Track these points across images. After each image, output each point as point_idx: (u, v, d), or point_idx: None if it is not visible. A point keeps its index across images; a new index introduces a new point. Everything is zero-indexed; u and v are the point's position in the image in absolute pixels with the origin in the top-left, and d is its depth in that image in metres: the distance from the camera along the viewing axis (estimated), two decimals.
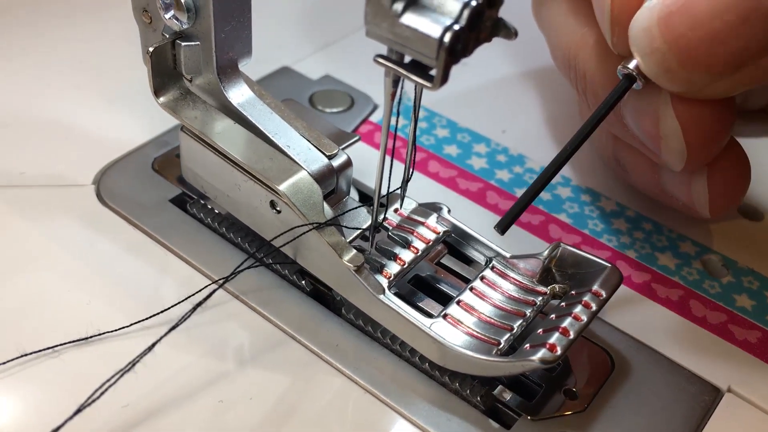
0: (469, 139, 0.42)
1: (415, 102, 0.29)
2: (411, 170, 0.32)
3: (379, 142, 0.41)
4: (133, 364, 0.27)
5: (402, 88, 0.27)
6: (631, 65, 0.30)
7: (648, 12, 0.29)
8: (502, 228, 0.30)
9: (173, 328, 0.28)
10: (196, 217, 0.35)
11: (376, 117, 0.43)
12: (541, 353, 0.27)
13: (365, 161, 0.38)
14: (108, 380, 0.27)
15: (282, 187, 0.31)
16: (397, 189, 0.33)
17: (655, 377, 0.32)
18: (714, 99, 0.30)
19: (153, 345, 0.27)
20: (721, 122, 0.31)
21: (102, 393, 0.27)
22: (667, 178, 0.34)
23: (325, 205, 0.32)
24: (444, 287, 0.34)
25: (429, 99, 0.44)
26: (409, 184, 0.35)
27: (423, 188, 0.39)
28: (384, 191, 0.32)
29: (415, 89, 0.29)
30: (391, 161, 0.30)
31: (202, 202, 0.36)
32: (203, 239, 0.34)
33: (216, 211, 0.35)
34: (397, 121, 0.28)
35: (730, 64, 0.28)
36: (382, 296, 0.30)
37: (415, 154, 0.31)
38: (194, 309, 0.28)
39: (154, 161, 0.38)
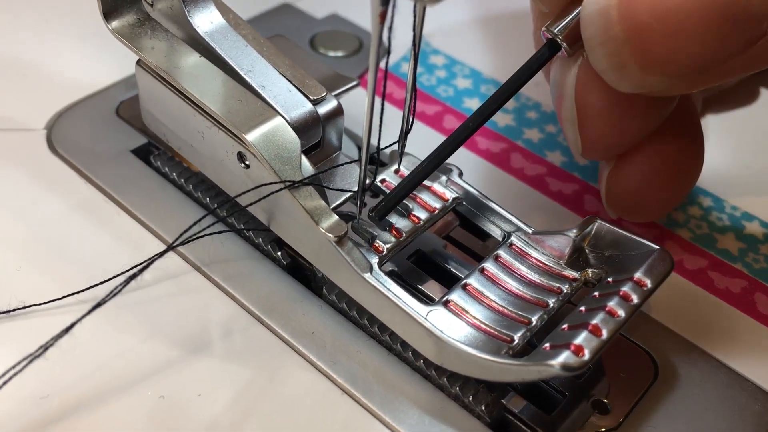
0: None
1: (415, 29, 0.23)
2: (411, 119, 0.26)
3: (389, 92, 0.35)
4: (44, 348, 0.22)
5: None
6: (558, 29, 0.24)
7: None
8: (380, 214, 0.25)
9: (98, 305, 0.22)
10: (160, 171, 0.30)
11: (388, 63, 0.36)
12: (564, 357, 0.21)
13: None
14: (13, 366, 0.21)
15: (250, 137, 0.25)
16: (395, 143, 0.27)
17: (708, 389, 0.25)
18: (639, 95, 0.24)
19: (71, 326, 0.22)
20: (636, 123, 0.25)
21: (5, 382, 0.21)
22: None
23: (305, 160, 0.26)
24: (452, 267, 0.28)
25: (450, 44, 0.38)
26: (414, 139, 0.29)
27: (434, 146, 0.32)
28: (376, 145, 0.26)
29: (414, 10, 0.22)
30: (382, 104, 0.24)
31: (169, 154, 0.30)
32: (165, 198, 0.29)
33: (184, 165, 0.29)
34: (388, 54, 0.22)
35: (695, 68, 0.22)
36: (367, 275, 0.24)
37: (415, 99, 0.25)
38: (127, 282, 0.23)
39: (120, 105, 0.32)
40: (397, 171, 0.28)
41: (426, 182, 0.28)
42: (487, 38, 0.39)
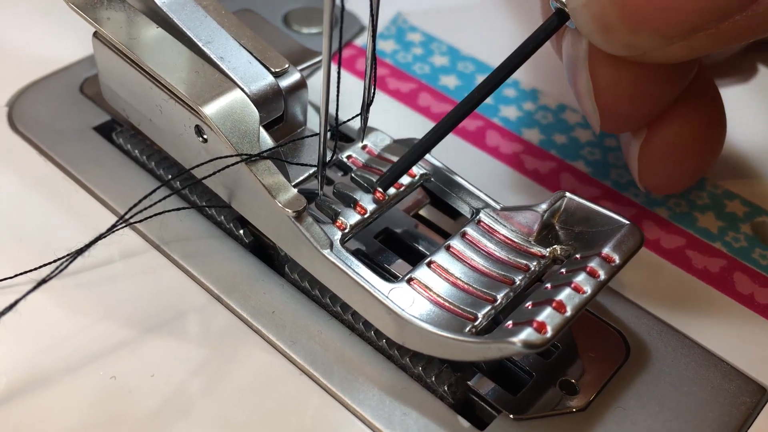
0: (473, 68, 0.35)
1: None
2: (372, 90, 0.25)
3: (362, 69, 0.34)
4: None
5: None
6: None
7: None
8: (384, 185, 0.25)
9: (42, 282, 0.21)
10: (122, 148, 0.29)
11: (362, 41, 0.36)
12: (525, 334, 0.21)
13: (342, 90, 0.31)
14: None
15: (207, 109, 0.24)
16: (357, 116, 0.26)
17: (681, 369, 0.24)
18: (651, 63, 0.23)
19: (14, 304, 0.21)
20: (651, 92, 0.24)
21: None
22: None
23: (265, 134, 0.25)
24: (422, 246, 0.27)
25: (427, 21, 0.37)
26: (389, 116, 0.28)
27: (408, 124, 0.32)
28: (341, 119, 0.25)
29: None
30: (338, 74, 0.23)
31: (132, 131, 0.29)
32: (126, 175, 0.28)
33: (147, 142, 0.29)
34: (342, 13, 0.21)
35: (687, 27, 0.21)
36: (327, 251, 0.23)
37: (375, 69, 0.24)
38: (72, 259, 0.22)
39: (84, 82, 0.31)
40: (364, 147, 0.27)
41: (393, 158, 0.27)
42: (466, 15, 0.38)
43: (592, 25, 0.22)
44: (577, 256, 0.24)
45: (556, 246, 0.24)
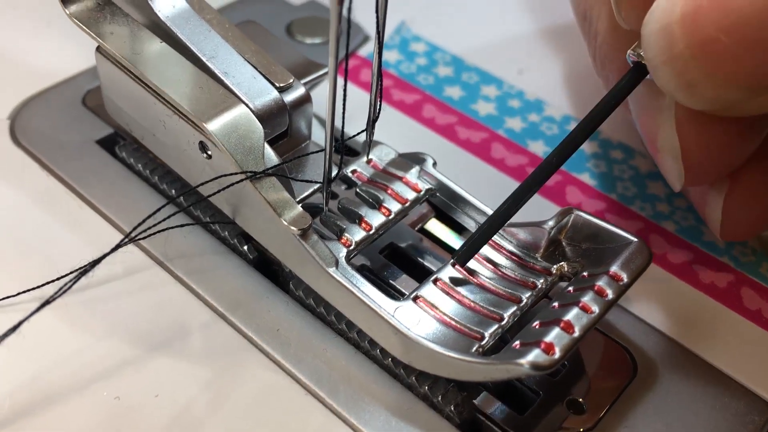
0: (477, 79, 0.34)
1: (378, 10, 0.22)
2: (378, 106, 0.24)
3: (366, 80, 0.34)
4: None
5: None
6: None
7: (667, 5, 0.21)
8: (462, 260, 0.24)
9: (46, 303, 0.21)
10: (125, 162, 0.29)
11: (366, 51, 0.35)
12: (533, 355, 0.20)
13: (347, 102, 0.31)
14: None
15: (211, 126, 0.24)
16: (363, 132, 0.26)
17: (688, 387, 0.24)
18: (737, 117, 0.22)
19: (18, 325, 0.21)
20: (737, 146, 0.23)
21: None
22: None
23: (270, 150, 0.25)
24: (427, 261, 0.27)
25: (431, 31, 0.36)
26: (393, 128, 0.28)
27: (412, 137, 0.32)
28: (347, 134, 0.25)
29: None
30: (344, 89, 0.23)
31: (135, 145, 0.29)
32: (130, 190, 0.28)
33: (150, 156, 0.28)
34: (348, 29, 0.21)
35: None
36: (333, 269, 0.23)
37: (381, 84, 0.24)
38: (77, 279, 0.22)
39: (86, 95, 0.31)
40: (369, 161, 0.27)
41: (399, 172, 0.27)
42: (470, 24, 0.37)
43: (675, 82, 0.21)
44: (585, 273, 0.23)
45: (563, 263, 0.24)
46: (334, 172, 0.24)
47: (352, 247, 0.24)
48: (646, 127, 0.24)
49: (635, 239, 0.23)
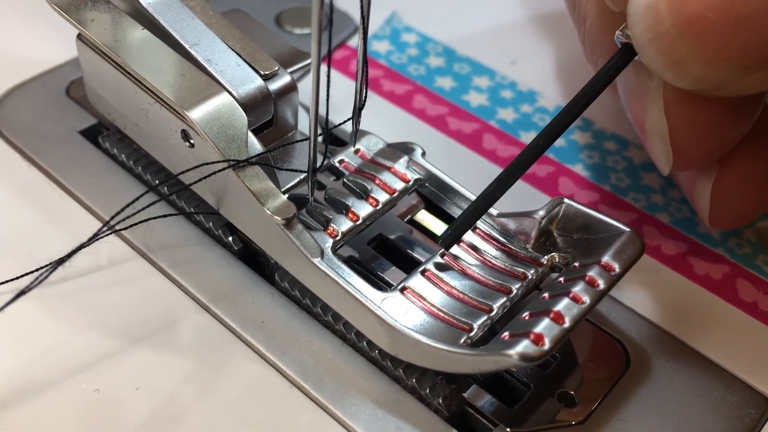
0: (469, 70, 0.34)
1: None
2: (364, 93, 0.24)
3: (355, 71, 0.33)
4: None
5: None
6: None
7: None
8: (447, 243, 0.23)
9: (21, 294, 0.21)
10: (108, 153, 0.28)
11: (355, 42, 0.35)
12: (522, 346, 0.20)
13: (334, 92, 0.30)
14: None
15: (193, 114, 0.23)
16: (349, 120, 0.25)
17: (683, 380, 0.24)
18: (727, 98, 0.22)
19: None
20: (727, 128, 0.23)
21: None
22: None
23: (254, 139, 0.24)
24: (416, 253, 0.26)
25: (423, 21, 0.36)
26: (383, 119, 0.27)
27: (403, 127, 0.31)
28: (333, 122, 0.24)
29: None
30: (328, 76, 0.22)
31: (119, 135, 0.28)
32: (112, 180, 0.27)
33: (134, 146, 0.28)
34: (331, 14, 0.20)
35: (765, 56, 0.20)
36: (318, 260, 0.23)
37: (366, 70, 0.23)
38: (53, 269, 0.21)
39: (70, 85, 0.31)
40: (356, 151, 0.27)
41: (387, 162, 0.26)
42: (462, 15, 0.37)
43: (661, 60, 0.21)
44: (576, 264, 0.23)
45: (554, 253, 0.24)
46: (319, 162, 0.24)
47: (338, 238, 0.24)
48: (635, 109, 0.24)
49: (627, 229, 0.23)
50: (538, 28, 0.37)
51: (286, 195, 0.24)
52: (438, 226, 0.27)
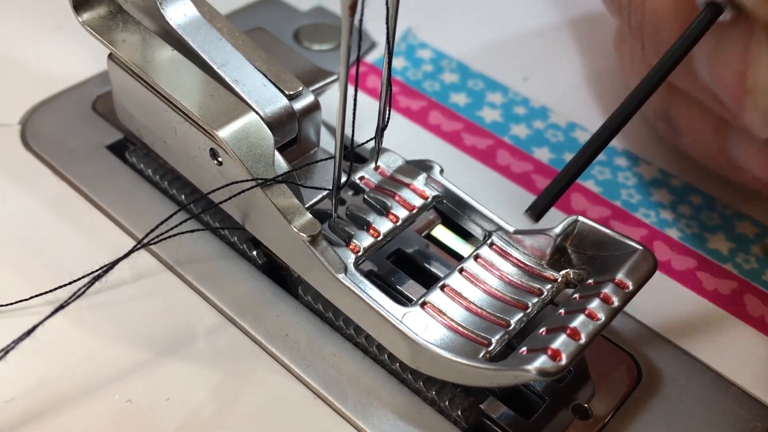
0: (483, 86, 0.35)
1: (388, 21, 0.22)
2: (387, 114, 0.25)
3: (373, 86, 0.34)
4: (5, 351, 0.21)
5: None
6: None
7: None
8: (537, 213, 0.22)
9: (60, 308, 0.21)
10: (135, 167, 0.29)
11: (373, 57, 0.36)
12: (540, 361, 0.21)
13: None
14: None
15: (222, 133, 0.24)
16: (372, 140, 0.26)
17: (693, 393, 0.25)
18: None
19: (33, 329, 0.21)
20: None
21: None
22: (738, 144, 0.27)
23: (280, 157, 0.25)
24: (434, 267, 0.27)
25: (437, 37, 0.37)
26: (399, 135, 0.28)
27: (419, 143, 0.32)
28: (356, 141, 0.25)
29: (387, 2, 0.22)
30: (354, 97, 0.23)
31: (145, 150, 0.29)
32: (140, 195, 0.28)
33: (160, 161, 0.29)
34: (360, 41, 0.21)
35: None
36: (342, 275, 0.23)
37: (390, 93, 0.24)
38: (91, 284, 0.22)
39: (97, 100, 0.31)
40: (376, 168, 0.27)
41: (406, 179, 0.27)
42: (476, 31, 0.38)
43: None
44: (590, 281, 0.24)
45: (568, 270, 0.25)
46: (343, 179, 0.25)
47: (360, 253, 0.25)
48: (727, 73, 0.23)
49: (640, 247, 0.24)
50: (550, 45, 0.37)
51: (309, 211, 0.25)
52: (454, 242, 0.28)
